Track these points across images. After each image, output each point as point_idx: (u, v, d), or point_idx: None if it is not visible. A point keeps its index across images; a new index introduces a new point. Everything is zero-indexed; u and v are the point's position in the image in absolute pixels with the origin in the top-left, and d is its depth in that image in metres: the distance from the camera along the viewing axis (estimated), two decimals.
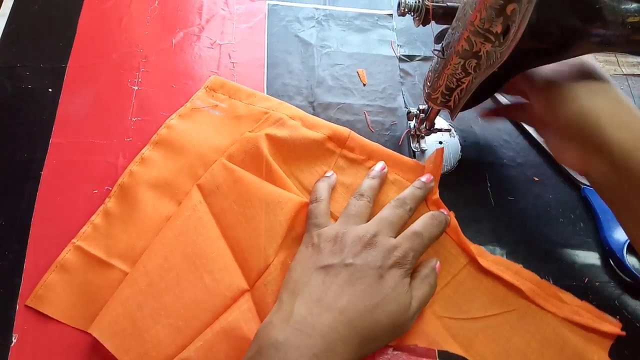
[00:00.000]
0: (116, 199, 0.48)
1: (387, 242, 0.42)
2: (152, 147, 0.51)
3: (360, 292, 0.39)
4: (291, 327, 0.37)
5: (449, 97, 0.44)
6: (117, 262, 0.44)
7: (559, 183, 0.54)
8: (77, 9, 0.60)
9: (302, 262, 0.43)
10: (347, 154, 0.52)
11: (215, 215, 0.47)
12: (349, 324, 0.38)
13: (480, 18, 0.36)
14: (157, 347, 0.41)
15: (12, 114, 0.52)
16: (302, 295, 0.39)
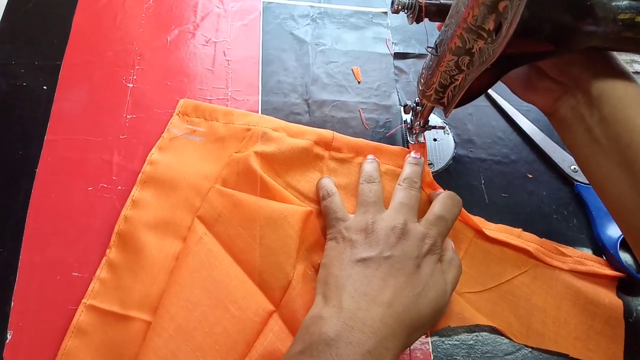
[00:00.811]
0: (117, 248, 0.46)
1: (418, 230, 0.43)
2: (141, 187, 0.49)
3: (402, 283, 0.39)
4: (342, 322, 0.36)
5: (442, 94, 0.44)
6: (135, 313, 0.42)
7: (553, 180, 0.55)
8: (72, 6, 0.60)
9: (338, 257, 0.42)
10: (335, 154, 0.52)
11: (224, 244, 0.46)
12: (398, 317, 0.38)
13: (473, 15, 0.36)
14: None
15: (6, 112, 0.52)
16: (347, 290, 0.39)
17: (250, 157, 0.48)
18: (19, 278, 0.44)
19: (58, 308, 0.43)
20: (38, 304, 0.43)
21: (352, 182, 0.50)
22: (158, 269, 0.45)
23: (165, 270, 0.45)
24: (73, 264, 0.45)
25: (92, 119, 0.52)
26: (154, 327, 0.42)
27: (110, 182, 0.49)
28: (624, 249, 0.50)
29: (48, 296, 0.43)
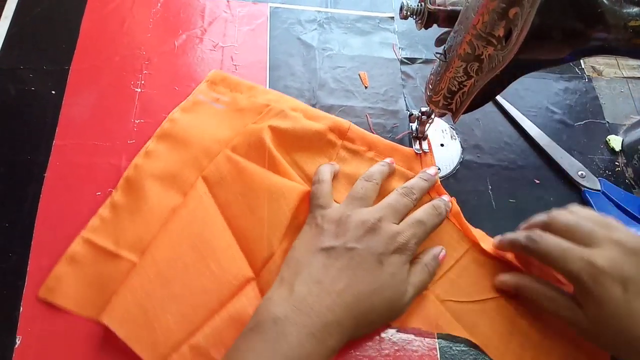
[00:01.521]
0: (122, 192, 0.48)
1: (390, 228, 0.43)
2: (157, 141, 0.51)
3: (359, 277, 0.41)
4: (291, 304, 0.38)
5: (450, 100, 0.44)
6: (125, 253, 0.45)
7: (560, 185, 0.55)
8: (80, 11, 0.60)
9: (305, 242, 0.44)
10: (348, 145, 0.53)
11: (221, 206, 0.48)
12: (346, 307, 0.39)
13: (483, 22, 0.36)
14: (167, 334, 0.42)
15: (15, 116, 0.52)
16: (303, 276, 0.41)
17: (264, 130, 0.50)
18: (27, 283, 0.44)
19: (66, 313, 0.43)
20: (47, 309, 0.43)
21: (359, 174, 0.50)
22: (155, 217, 0.47)
23: (161, 219, 0.47)
24: None
25: (100, 123, 0.52)
26: (137, 268, 0.44)
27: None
28: None
29: None
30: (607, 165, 0.57)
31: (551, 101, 0.61)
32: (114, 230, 0.46)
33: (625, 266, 0.39)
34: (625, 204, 0.52)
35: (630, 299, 0.38)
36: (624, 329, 0.38)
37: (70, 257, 0.45)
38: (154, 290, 0.43)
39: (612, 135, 0.59)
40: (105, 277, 0.44)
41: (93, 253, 0.45)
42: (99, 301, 0.43)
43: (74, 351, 0.42)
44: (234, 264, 0.45)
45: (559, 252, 0.41)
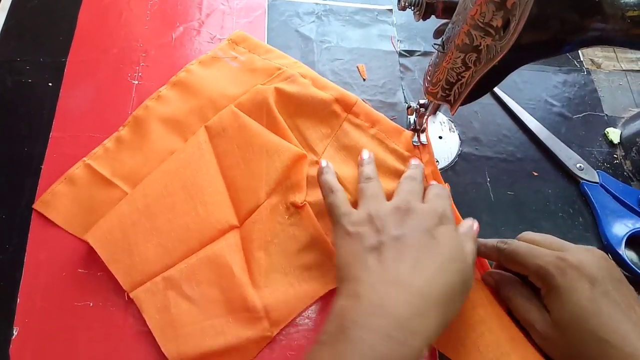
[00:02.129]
0: (129, 128, 0.51)
1: (422, 206, 0.42)
2: (170, 87, 0.54)
3: (419, 258, 0.38)
4: (359, 311, 0.35)
5: (449, 92, 0.44)
6: (120, 183, 0.48)
7: (558, 178, 0.55)
8: (77, 3, 0.60)
9: (350, 253, 0.40)
10: (352, 119, 0.53)
11: (217, 156, 0.50)
12: (420, 294, 0.36)
13: (481, 12, 0.36)
14: (144, 263, 0.44)
15: (12, 109, 0.52)
16: (362, 279, 0.37)
17: (270, 91, 0.52)
18: (24, 275, 0.44)
19: (64, 304, 0.43)
20: (44, 300, 0.43)
21: (358, 147, 0.51)
22: (153, 156, 0.50)
23: (159, 159, 0.50)
24: (78, 261, 0.45)
25: (98, 116, 0.52)
26: (127, 197, 0.47)
27: None
28: (630, 247, 0.50)
29: (54, 293, 0.43)
30: (605, 158, 0.57)
31: (550, 94, 0.61)
32: (114, 160, 0.49)
33: (595, 266, 0.39)
34: (623, 196, 0.52)
35: (597, 298, 0.37)
36: (590, 329, 0.37)
37: (68, 178, 0.48)
38: (140, 220, 0.46)
39: (611, 127, 0.59)
40: (96, 201, 0.47)
41: (90, 177, 0.48)
42: (86, 222, 0.46)
43: (70, 343, 0.42)
44: (220, 209, 0.47)
45: (528, 250, 0.41)
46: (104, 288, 0.44)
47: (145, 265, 0.44)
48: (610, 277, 0.39)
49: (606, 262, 0.40)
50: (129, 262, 0.44)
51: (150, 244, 0.45)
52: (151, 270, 0.44)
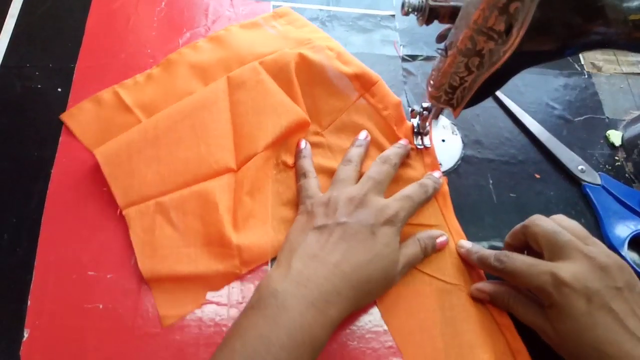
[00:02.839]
0: (161, 68, 0.57)
1: (378, 201, 0.45)
2: (207, 40, 0.59)
3: (353, 247, 0.42)
4: (289, 279, 0.39)
5: (451, 96, 0.45)
6: (138, 112, 0.53)
7: (560, 180, 0.55)
8: (85, 9, 0.61)
9: (298, 227, 0.46)
10: (368, 97, 0.55)
11: (231, 104, 0.53)
12: (343, 277, 0.40)
13: (483, 17, 0.37)
14: (141, 185, 0.48)
15: (21, 114, 0.53)
16: (299, 253, 0.42)
17: (293, 56, 0.55)
18: (35, 277, 0.44)
19: (74, 307, 0.43)
20: (54, 303, 0.44)
21: (367, 124, 0.54)
22: (174, 94, 0.54)
23: (178, 97, 0.54)
24: (88, 264, 0.45)
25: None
26: (140, 126, 0.51)
27: None
28: (632, 249, 0.51)
29: (64, 295, 0.44)
30: (607, 160, 0.57)
31: (551, 97, 0.61)
32: (138, 92, 0.54)
33: (589, 280, 0.39)
34: (625, 198, 0.53)
35: (593, 312, 0.38)
36: (588, 342, 0.38)
37: (96, 99, 0.53)
38: (146, 147, 0.50)
39: (612, 130, 0.59)
40: (114, 123, 0.52)
41: (114, 102, 0.53)
42: (100, 139, 0.50)
43: (80, 344, 0.42)
44: (221, 152, 0.50)
45: (525, 268, 0.42)
46: (113, 290, 0.44)
47: (142, 188, 0.48)
48: (606, 287, 0.39)
49: (603, 273, 0.39)
50: (128, 182, 0.48)
51: (150, 170, 0.49)
52: (146, 193, 0.48)
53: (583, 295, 0.38)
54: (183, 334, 0.43)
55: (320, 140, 0.54)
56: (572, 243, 0.41)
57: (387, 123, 0.54)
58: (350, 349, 0.44)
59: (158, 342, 0.43)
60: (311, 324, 0.37)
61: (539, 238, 0.43)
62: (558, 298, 0.39)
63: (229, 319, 0.44)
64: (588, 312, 0.38)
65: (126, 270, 0.46)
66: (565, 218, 0.44)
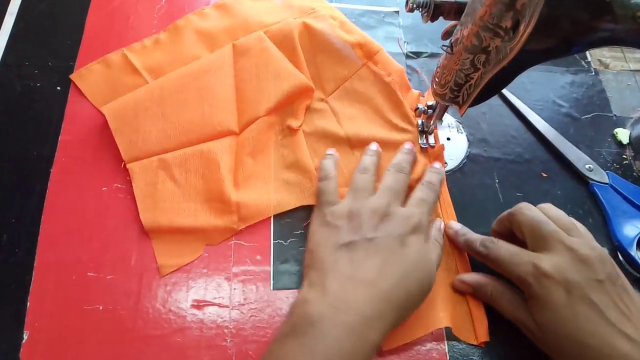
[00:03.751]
0: (168, 33, 0.58)
1: (401, 211, 0.44)
2: (213, 8, 0.61)
3: (388, 262, 0.40)
4: (326, 303, 0.37)
5: (457, 93, 0.44)
6: (145, 74, 0.55)
7: (567, 179, 0.54)
8: (85, 7, 0.60)
9: (322, 242, 0.43)
10: (371, 66, 0.56)
11: (235, 70, 0.54)
12: (384, 297, 0.38)
13: (490, 13, 0.36)
14: (146, 142, 0.50)
15: (21, 112, 0.52)
16: (333, 273, 0.40)
17: (297, 24, 0.56)
18: (34, 278, 0.44)
19: (74, 308, 0.43)
20: (54, 304, 0.43)
21: (370, 92, 0.55)
22: (181, 59, 0.56)
23: (184, 62, 0.56)
24: (88, 264, 0.45)
25: (106, 119, 0.52)
26: (147, 86, 0.54)
27: (125, 182, 0.49)
28: None
29: (64, 296, 0.43)
30: (614, 158, 0.56)
31: (558, 94, 0.61)
32: (146, 56, 0.56)
33: (569, 272, 0.39)
34: (633, 197, 0.52)
35: (573, 303, 0.38)
36: (568, 334, 0.38)
37: (105, 61, 0.56)
38: (152, 106, 0.51)
39: (620, 128, 0.58)
40: (122, 84, 0.54)
41: (123, 64, 0.56)
42: (109, 99, 0.52)
43: (80, 346, 0.42)
44: (224, 114, 0.51)
45: (508, 257, 0.42)
46: (113, 291, 0.44)
47: (146, 144, 0.50)
48: (587, 279, 0.39)
49: (584, 265, 0.39)
50: (133, 137, 0.50)
51: (154, 128, 0.50)
52: (150, 149, 0.50)
53: (563, 287, 0.39)
54: (184, 336, 0.43)
55: (324, 107, 0.55)
56: (555, 234, 0.41)
57: (391, 89, 0.55)
58: None
59: (159, 344, 0.42)
60: (350, 351, 0.36)
61: (523, 227, 0.43)
62: (538, 289, 0.39)
63: (231, 321, 0.44)
64: (568, 303, 0.38)
65: (126, 271, 0.45)
66: (551, 207, 0.44)
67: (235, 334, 0.43)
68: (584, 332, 0.37)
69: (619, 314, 0.38)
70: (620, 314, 0.38)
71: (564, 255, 0.40)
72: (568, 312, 0.38)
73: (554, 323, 0.39)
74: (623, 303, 0.38)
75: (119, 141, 0.50)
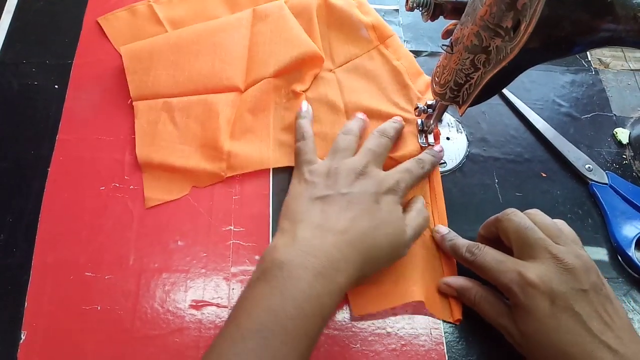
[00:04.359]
0: None
1: (378, 172, 0.46)
2: None
3: (358, 216, 0.42)
4: (295, 249, 0.39)
5: (457, 93, 0.44)
6: (167, 25, 0.58)
7: (567, 179, 0.54)
8: (82, 5, 0.60)
9: (298, 195, 0.45)
10: (382, 49, 0.58)
11: (252, 34, 0.57)
12: (351, 243, 0.40)
13: (491, 13, 0.36)
14: (154, 84, 0.53)
15: (18, 111, 0.52)
16: (304, 222, 0.42)
17: (315, 0, 0.59)
18: (32, 278, 0.44)
19: (71, 308, 0.43)
20: (52, 304, 0.43)
21: (377, 75, 0.57)
22: (202, 15, 0.59)
23: (204, 18, 0.59)
24: (86, 264, 0.45)
25: (104, 117, 0.52)
26: (166, 34, 0.57)
27: (123, 181, 0.49)
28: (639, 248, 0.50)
29: (61, 296, 0.43)
30: (614, 158, 0.56)
31: (557, 94, 0.60)
32: (171, 9, 0.60)
33: (554, 282, 0.39)
34: (632, 198, 0.52)
35: (557, 314, 0.38)
36: (551, 344, 0.38)
37: (131, 9, 0.59)
38: (167, 52, 0.55)
39: (620, 128, 0.58)
40: (143, 32, 0.58)
41: (147, 14, 0.59)
42: (130, 40, 0.56)
43: (78, 346, 0.42)
44: (233, 71, 0.54)
45: (494, 264, 0.42)
46: (111, 291, 0.44)
47: (154, 86, 0.53)
48: (571, 290, 0.39)
49: (569, 276, 0.39)
50: (144, 78, 0.53)
51: (165, 72, 0.54)
52: (157, 92, 0.53)
53: (547, 296, 0.39)
54: (183, 336, 0.43)
55: (331, 77, 0.57)
56: (541, 242, 0.41)
57: (398, 71, 0.56)
58: (352, 351, 0.43)
59: (157, 344, 0.42)
60: (319, 293, 0.37)
61: (510, 233, 0.43)
62: (523, 298, 0.39)
63: None
64: (552, 313, 0.38)
65: (125, 271, 0.45)
66: (539, 213, 0.44)
67: None
68: (566, 342, 0.38)
69: (602, 324, 0.38)
70: (602, 324, 0.38)
71: (549, 264, 0.40)
72: (551, 322, 0.38)
73: (537, 332, 0.39)
74: (606, 313, 0.38)
75: (130, 79, 0.53)
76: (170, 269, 0.45)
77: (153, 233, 0.47)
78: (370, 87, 0.56)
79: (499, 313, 0.42)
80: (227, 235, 0.48)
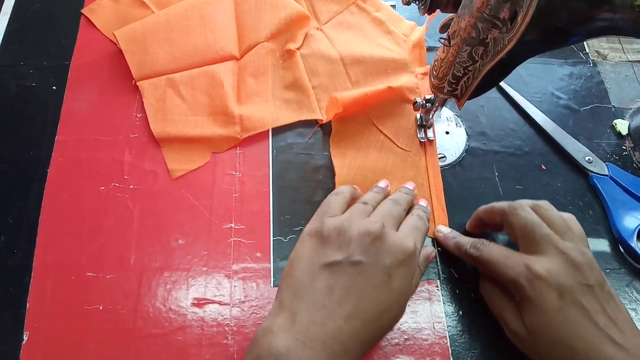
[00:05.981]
0: None
1: (393, 237, 0.40)
2: None
3: (367, 297, 0.37)
4: (293, 336, 0.35)
5: (455, 86, 0.44)
6: (152, 6, 0.59)
7: (567, 171, 0.54)
8: (79, 6, 0.60)
9: (306, 256, 0.40)
10: (360, 3, 0.62)
11: (236, 3, 0.59)
12: (354, 334, 0.36)
13: (487, 4, 0.36)
14: (154, 62, 0.55)
15: (16, 113, 0.52)
16: (305, 300, 0.37)
17: None
18: (33, 279, 0.44)
19: (73, 308, 0.43)
20: (53, 304, 0.43)
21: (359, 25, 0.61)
22: None
23: None
24: (87, 264, 0.45)
25: (102, 118, 0.52)
26: (155, 14, 0.58)
27: (122, 181, 0.49)
28: None
29: (63, 297, 0.43)
30: (614, 150, 0.56)
31: (556, 86, 0.60)
32: None
33: (562, 276, 0.39)
34: (633, 188, 0.52)
35: (564, 307, 0.38)
36: (558, 338, 0.38)
37: None
38: (159, 31, 0.56)
39: (619, 119, 0.58)
40: (130, 16, 0.58)
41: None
42: (119, 26, 0.56)
43: (80, 346, 0.42)
44: (226, 40, 0.57)
45: (502, 259, 0.41)
46: (113, 291, 0.44)
47: (154, 65, 0.55)
48: (578, 284, 0.39)
49: (576, 271, 0.39)
50: (143, 58, 0.55)
51: (162, 50, 0.55)
52: (158, 70, 0.55)
53: (555, 290, 0.38)
54: (185, 334, 0.42)
55: (320, 34, 0.60)
56: (548, 237, 0.41)
57: (380, 20, 0.61)
58: None
59: (159, 343, 0.42)
60: None
61: (516, 229, 0.42)
62: (530, 291, 0.39)
63: (231, 319, 0.43)
64: (559, 307, 0.38)
65: (126, 270, 0.45)
66: (549, 208, 0.43)
67: (236, 331, 0.43)
68: (574, 336, 0.37)
69: (607, 318, 0.38)
70: (607, 319, 0.38)
71: (556, 258, 0.40)
72: (559, 315, 0.38)
73: (544, 326, 0.38)
74: (610, 308, 0.38)
75: (129, 60, 0.54)
76: (171, 268, 0.45)
77: (153, 232, 0.47)
78: (358, 37, 0.60)
79: (504, 307, 0.42)
80: (227, 233, 0.47)
